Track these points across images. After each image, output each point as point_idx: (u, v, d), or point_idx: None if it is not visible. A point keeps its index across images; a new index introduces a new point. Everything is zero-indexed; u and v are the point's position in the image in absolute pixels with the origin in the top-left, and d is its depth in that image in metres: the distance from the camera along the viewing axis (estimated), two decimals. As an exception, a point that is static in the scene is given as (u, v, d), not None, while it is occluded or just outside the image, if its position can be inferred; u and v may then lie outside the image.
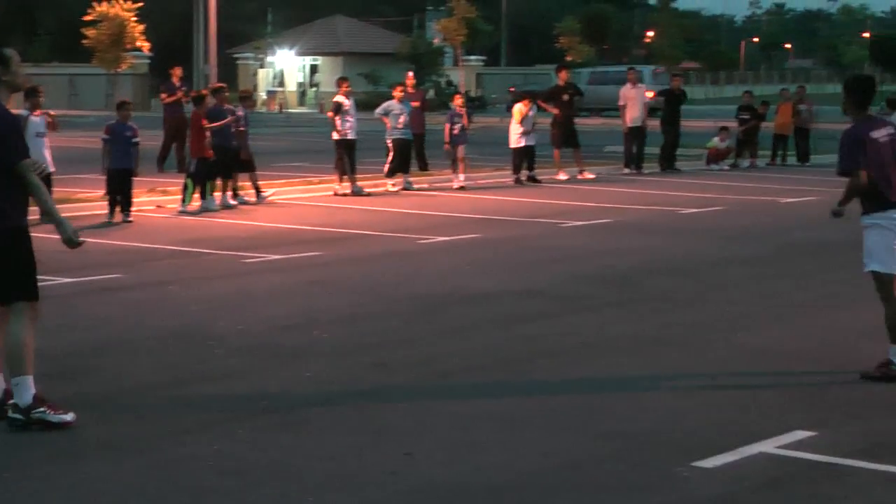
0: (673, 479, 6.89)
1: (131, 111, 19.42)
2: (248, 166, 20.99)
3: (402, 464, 7.14)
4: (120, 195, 18.43)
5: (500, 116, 52.54)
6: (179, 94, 26.50)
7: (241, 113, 21.30)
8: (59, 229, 7.85)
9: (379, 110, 24.29)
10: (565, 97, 26.59)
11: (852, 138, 9.31)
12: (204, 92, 21.20)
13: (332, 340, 10.41)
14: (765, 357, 9.86)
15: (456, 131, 23.83)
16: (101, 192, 19.24)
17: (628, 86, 28.35)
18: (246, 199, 20.89)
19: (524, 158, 25.16)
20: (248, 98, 22.43)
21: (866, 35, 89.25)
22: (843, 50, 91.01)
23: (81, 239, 7.99)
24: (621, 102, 28.20)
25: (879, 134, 9.27)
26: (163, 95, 27.48)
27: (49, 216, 7.87)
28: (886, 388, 8.86)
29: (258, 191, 20.98)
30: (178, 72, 27.03)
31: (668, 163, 28.61)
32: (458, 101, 24.88)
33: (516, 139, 24.99)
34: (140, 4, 37.03)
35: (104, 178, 18.71)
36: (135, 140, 18.65)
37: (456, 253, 15.58)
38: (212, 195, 20.01)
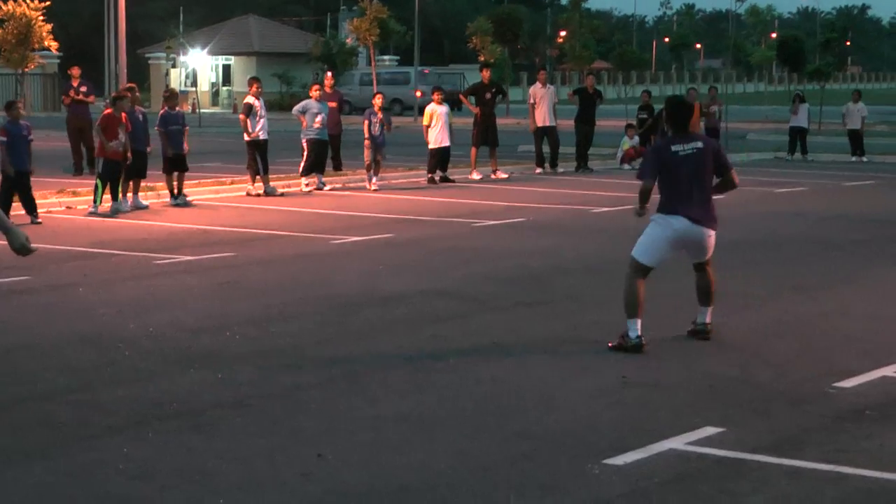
0: (584, 478, 6.95)
1: (21, 109, 19.18)
2: (181, 166, 20.81)
3: (314, 466, 7.13)
4: (22, 197, 18.16)
5: (414, 116, 52.58)
6: (72, 94, 25.79)
7: (162, 112, 21.27)
8: (8, 237, 7.70)
9: (296, 109, 24.15)
10: (487, 95, 26.69)
11: (654, 151, 10.79)
12: (125, 93, 20.89)
13: (243, 342, 10.35)
14: (675, 355, 9.98)
15: (375, 131, 23.67)
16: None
17: (538, 85, 28.47)
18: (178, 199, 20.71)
19: (439, 159, 25.21)
20: (171, 98, 21.96)
21: (774, 36, 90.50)
22: (751, 50, 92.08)
23: (34, 246, 7.87)
24: (531, 101, 28.27)
25: (683, 148, 10.36)
26: (63, 97, 26.95)
27: None
28: (791, 383, 9.01)
29: (180, 191, 20.75)
30: (76, 72, 26.26)
31: (581, 162, 28.80)
32: (377, 100, 24.65)
33: (434, 139, 25.02)
34: (47, 3, 36.52)
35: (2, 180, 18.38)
36: (30, 138, 18.48)
37: (369, 253, 15.57)
38: (124, 196, 19.82)
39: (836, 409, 8.36)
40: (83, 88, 25.98)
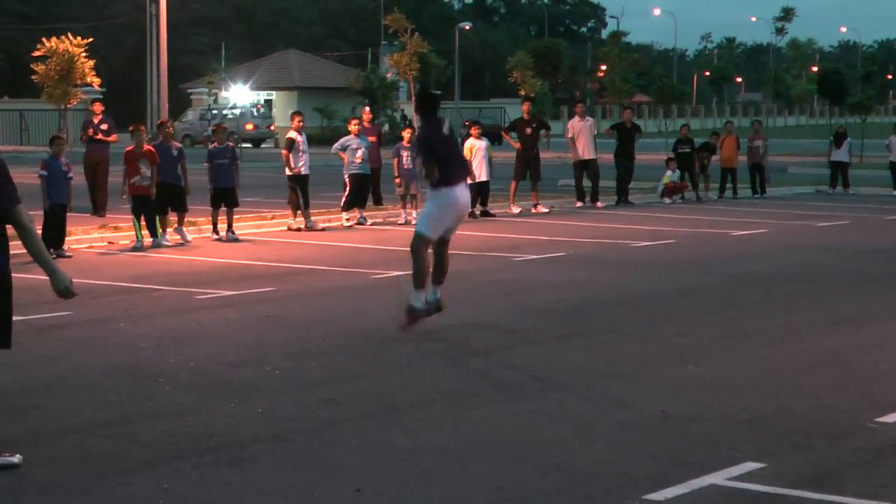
0: (621, 512, 6.91)
1: (64, 146, 19.37)
2: (230, 200, 20.89)
3: (351, 500, 7.13)
4: (55, 231, 18.34)
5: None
6: (90, 131, 24.76)
7: (212, 146, 21.46)
8: (53, 279, 7.71)
9: (336, 146, 24.25)
10: (528, 130, 26.63)
11: (423, 141, 12.50)
12: (142, 127, 21.01)
13: (282, 376, 10.38)
14: (713, 388, 9.91)
15: (406, 166, 23.77)
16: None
17: (576, 118, 28.48)
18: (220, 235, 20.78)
19: (478, 193, 25.23)
20: (219, 132, 22.10)
21: (814, 69, 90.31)
22: (792, 83, 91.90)
23: (76, 290, 7.89)
24: (569, 135, 28.24)
25: (439, 132, 12.40)
26: (82, 134, 25.49)
27: (43, 265, 7.71)
28: (831, 417, 8.93)
29: (230, 226, 20.84)
30: (97, 108, 25.15)
31: (621, 196, 28.75)
32: (406, 135, 24.75)
33: (470, 174, 25.03)
34: (90, 40, 36.90)
35: (42, 214, 18.53)
36: (70, 175, 18.72)
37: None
38: (164, 231, 19.98)
39: (877, 443, 8.29)
40: (104, 126, 24.97)
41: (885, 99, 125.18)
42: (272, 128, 67.62)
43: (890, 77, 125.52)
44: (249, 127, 64.25)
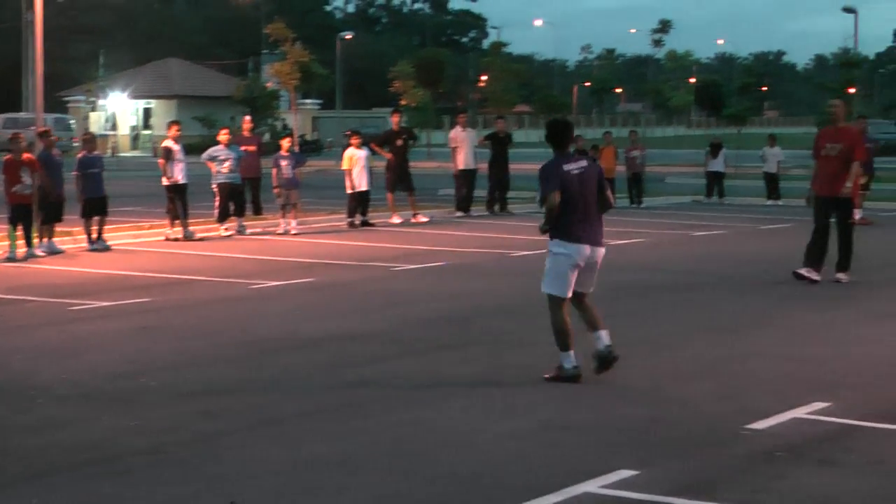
0: (499, 521, 6.95)
1: None
2: (101, 210, 20.68)
3: (228, 512, 7.07)
4: None
5: (336, 160, 52.64)
6: None
7: (81, 155, 21.16)
8: None
9: (204, 156, 24.17)
10: (399, 142, 26.68)
11: (549, 170, 10.64)
12: (21, 135, 20.68)
13: (159, 388, 10.26)
14: (589, 397, 10.02)
15: (286, 175, 23.68)
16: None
17: (458, 128, 28.61)
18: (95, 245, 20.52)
19: (359, 203, 25.25)
20: (89, 141, 21.97)
21: (693, 80, 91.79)
22: (671, 94, 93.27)
23: None
24: (452, 145, 28.40)
25: (571, 167, 10.59)
26: None
27: None
28: (706, 425, 9.08)
29: (100, 236, 20.63)
30: None
31: (498, 205, 28.86)
32: (284, 144, 24.66)
33: (350, 184, 25.07)
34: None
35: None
36: None
37: (288, 298, 15.51)
38: (42, 241, 19.66)
39: (749, 450, 8.43)
40: None
41: (761, 110, 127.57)
42: (74, 140, 68.12)
43: (765, 89, 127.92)
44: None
